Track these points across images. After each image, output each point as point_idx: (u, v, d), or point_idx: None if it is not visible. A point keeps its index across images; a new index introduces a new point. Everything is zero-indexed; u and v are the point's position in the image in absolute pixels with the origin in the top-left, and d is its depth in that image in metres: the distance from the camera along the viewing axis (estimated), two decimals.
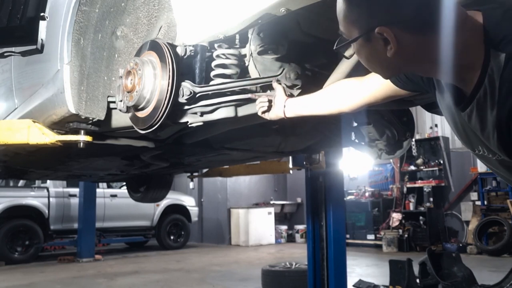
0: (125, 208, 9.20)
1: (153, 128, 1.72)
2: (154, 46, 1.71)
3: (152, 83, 1.68)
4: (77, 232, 8.59)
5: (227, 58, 1.75)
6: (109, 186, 9.47)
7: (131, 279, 6.47)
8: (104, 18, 1.92)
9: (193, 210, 10.70)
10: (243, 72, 1.81)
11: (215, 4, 1.44)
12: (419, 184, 9.99)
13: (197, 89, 1.67)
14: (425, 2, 0.84)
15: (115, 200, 9.35)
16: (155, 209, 9.92)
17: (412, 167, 10.20)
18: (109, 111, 1.98)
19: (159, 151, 2.79)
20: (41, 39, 2.13)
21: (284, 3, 1.22)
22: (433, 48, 0.86)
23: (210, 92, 1.69)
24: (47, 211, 8.49)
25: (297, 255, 8.62)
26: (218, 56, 1.75)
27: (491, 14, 0.86)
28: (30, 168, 3.63)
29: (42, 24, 2.12)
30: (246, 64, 1.79)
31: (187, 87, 1.66)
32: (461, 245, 8.82)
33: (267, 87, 1.82)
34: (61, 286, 5.99)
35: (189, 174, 4.84)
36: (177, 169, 4.07)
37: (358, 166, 11.54)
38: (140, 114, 1.77)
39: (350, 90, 1.38)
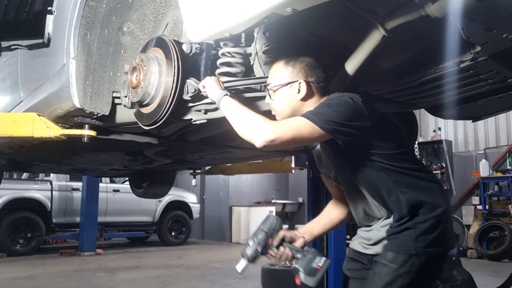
0: (127, 203, 9.22)
1: (157, 125, 1.73)
2: (160, 43, 1.72)
3: (157, 79, 1.69)
4: (79, 226, 8.61)
5: (232, 56, 1.75)
6: (112, 181, 9.49)
7: (132, 274, 6.49)
8: (111, 14, 1.93)
9: (195, 207, 10.71)
10: (248, 71, 1.81)
11: (222, 3, 1.44)
12: None
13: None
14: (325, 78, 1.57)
15: (117, 195, 9.38)
16: (157, 205, 9.94)
17: None
18: (113, 106, 2.00)
19: (163, 148, 2.80)
20: (48, 33, 2.14)
21: (291, 3, 1.23)
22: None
23: None
24: (49, 204, 8.52)
25: None
26: (223, 54, 1.75)
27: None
28: (34, 161, 3.65)
29: (49, 18, 2.13)
30: (251, 63, 1.80)
31: (192, 84, 1.66)
32: (461, 249, 8.79)
33: None
34: (62, 279, 6.02)
35: (191, 171, 4.85)
36: (180, 165, 4.08)
37: None
38: (145, 110, 1.77)
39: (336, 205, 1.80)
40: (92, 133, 2.04)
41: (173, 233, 10.38)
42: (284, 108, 1.55)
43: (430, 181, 1.52)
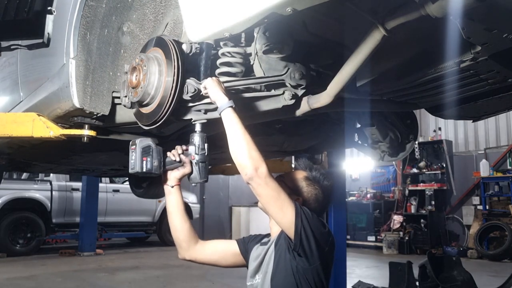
0: (127, 203, 9.22)
1: (157, 125, 1.73)
2: (160, 43, 1.72)
3: (157, 79, 1.69)
4: (79, 226, 8.62)
5: (232, 56, 1.75)
6: (111, 181, 9.49)
7: (132, 274, 6.49)
8: (111, 14, 1.92)
9: (195, 207, 10.71)
10: (248, 71, 1.81)
11: (222, 2, 1.44)
12: (421, 187, 9.97)
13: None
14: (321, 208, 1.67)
15: (117, 195, 9.38)
16: (157, 205, 9.94)
17: (415, 170, 10.18)
18: (113, 106, 1.99)
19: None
20: (48, 33, 2.14)
21: (291, 2, 1.22)
22: None
23: None
24: (49, 204, 8.52)
25: None
26: (223, 54, 1.75)
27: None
28: (34, 161, 3.65)
29: (49, 18, 2.13)
30: (251, 63, 1.79)
31: (191, 84, 1.66)
32: (461, 249, 8.80)
33: (271, 86, 1.82)
34: (62, 279, 6.02)
35: None
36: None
37: (360, 167, 11.52)
38: (145, 110, 1.77)
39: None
40: (92, 133, 2.04)
41: None
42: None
43: None
